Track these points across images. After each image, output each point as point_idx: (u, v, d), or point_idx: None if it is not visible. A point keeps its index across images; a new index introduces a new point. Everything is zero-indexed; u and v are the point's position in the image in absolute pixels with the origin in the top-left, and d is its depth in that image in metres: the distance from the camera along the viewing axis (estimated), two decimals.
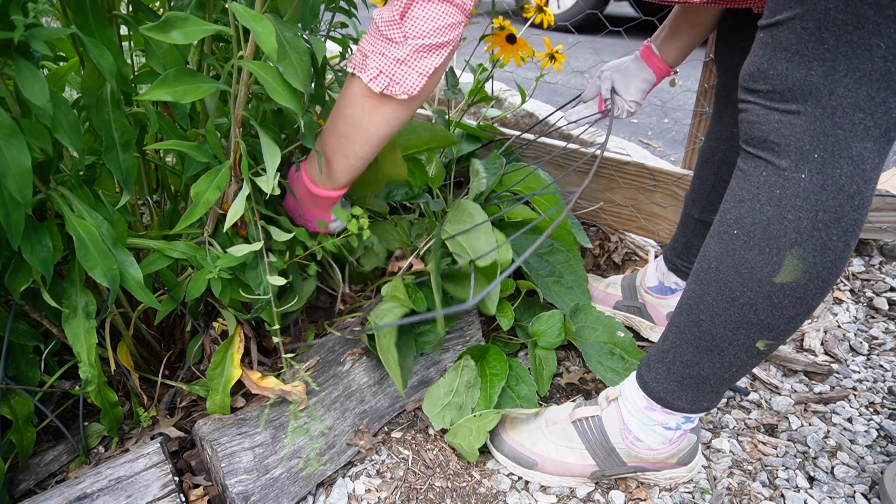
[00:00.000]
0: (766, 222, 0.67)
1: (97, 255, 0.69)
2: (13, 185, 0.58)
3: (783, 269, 0.67)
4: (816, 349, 1.18)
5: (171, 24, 0.57)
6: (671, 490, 0.90)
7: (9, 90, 0.59)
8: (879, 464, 0.93)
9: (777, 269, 0.68)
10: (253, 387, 0.89)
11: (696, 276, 0.75)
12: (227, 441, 0.85)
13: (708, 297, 0.74)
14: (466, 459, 0.94)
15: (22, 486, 0.86)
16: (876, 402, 1.06)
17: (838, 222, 0.64)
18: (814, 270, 0.67)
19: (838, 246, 0.65)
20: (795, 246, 0.66)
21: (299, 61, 0.61)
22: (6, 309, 0.79)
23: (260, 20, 0.56)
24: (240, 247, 0.77)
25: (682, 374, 0.79)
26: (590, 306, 1.12)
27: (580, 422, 0.90)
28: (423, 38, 0.69)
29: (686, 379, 0.79)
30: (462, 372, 1.01)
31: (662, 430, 0.85)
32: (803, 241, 0.66)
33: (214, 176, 0.73)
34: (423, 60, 0.71)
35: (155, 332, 1.00)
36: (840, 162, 0.62)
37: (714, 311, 0.73)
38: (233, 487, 0.82)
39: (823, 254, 0.66)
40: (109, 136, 0.71)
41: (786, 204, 0.65)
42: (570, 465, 0.89)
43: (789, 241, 0.66)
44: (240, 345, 0.91)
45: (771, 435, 0.99)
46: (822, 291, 0.69)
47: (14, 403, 0.81)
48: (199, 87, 0.63)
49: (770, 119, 0.64)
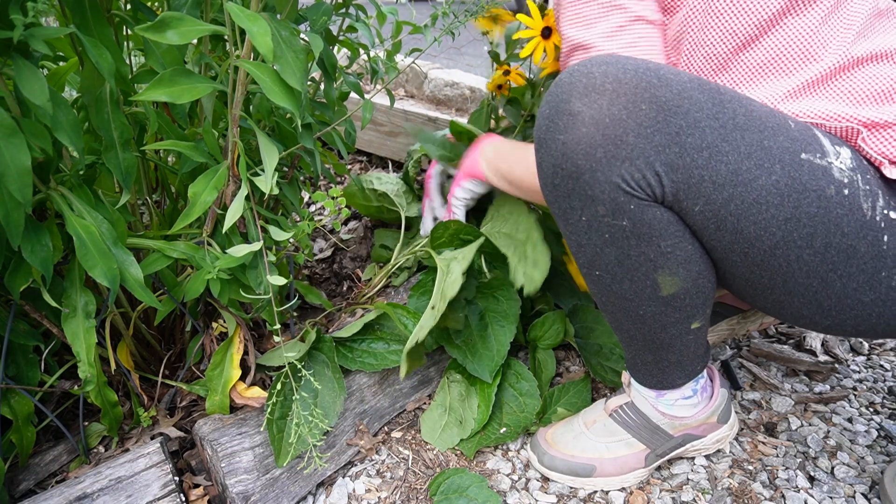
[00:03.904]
0: (615, 261, 0.70)
1: (97, 255, 0.69)
2: (13, 185, 0.58)
3: (662, 288, 0.71)
4: (817, 349, 1.18)
5: (167, 24, 0.57)
6: (672, 490, 0.90)
7: (8, 90, 0.60)
8: (879, 464, 0.92)
9: (657, 288, 0.71)
10: (238, 397, 0.89)
11: (604, 308, 0.79)
12: (227, 441, 0.85)
13: (625, 321, 0.77)
14: (467, 456, 0.94)
15: (22, 485, 0.86)
16: (876, 402, 1.06)
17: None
18: (690, 276, 0.71)
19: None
20: (658, 269, 0.70)
21: (296, 60, 0.61)
22: (6, 309, 0.79)
23: (255, 20, 0.56)
24: (239, 247, 0.77)
25: (658, 366, 0.82)
26: (589, 307, 1.12)
27: (616, 412, 0.91)
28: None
29: (665, 366, 0.82)
30: (450, 388, 1.01)
31: (683, 401, 0.87)
32: (662, 265, 0.69)
33: (212, 176, 0.73)
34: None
35: (155, 331, 1.00)
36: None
37: (637, 326, 0.77)
38: (233, 487, 0.82)
39: (688, 264, 0.69)
40: (109, 135, 0.71)
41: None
42: (625, 458, 0.89)
43: (648, 268, 0.70)
44: (239, 345, 0.91)
45: (771, 435, 0.99)
46: (713, 273, 0.72)
47: (14, 403, 0.82)
48: (195, 88, 0.63)
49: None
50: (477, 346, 1.00)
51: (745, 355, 1.17)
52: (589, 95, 0.62)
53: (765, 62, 0.73)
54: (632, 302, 0.74)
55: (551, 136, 0.66)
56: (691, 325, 0.76)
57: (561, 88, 0.65)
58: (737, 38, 0.73)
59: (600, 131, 0.62)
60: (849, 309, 0.68)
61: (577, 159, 0.64)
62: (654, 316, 0.74)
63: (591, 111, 0.62)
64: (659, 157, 0.62)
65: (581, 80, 0.64)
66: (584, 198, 0.66)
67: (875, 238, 0.64)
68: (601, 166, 0.63)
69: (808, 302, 0.68)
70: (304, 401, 0.90)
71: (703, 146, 0.62)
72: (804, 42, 0.71)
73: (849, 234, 0.63)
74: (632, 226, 0.66)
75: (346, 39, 1.01)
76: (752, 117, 0.64)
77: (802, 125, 0.67)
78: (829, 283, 0.66)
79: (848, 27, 0.71)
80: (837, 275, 0.65)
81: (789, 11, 0.71)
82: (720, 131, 0.62)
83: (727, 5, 0.72)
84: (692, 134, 0.62)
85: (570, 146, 0.64)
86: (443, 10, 1.00)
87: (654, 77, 0.62)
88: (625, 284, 0.72)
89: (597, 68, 0.64)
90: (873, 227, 0.64)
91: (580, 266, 0.75)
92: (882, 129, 0.66)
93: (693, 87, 0.63)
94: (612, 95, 0.62)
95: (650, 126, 0.61)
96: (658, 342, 0.78)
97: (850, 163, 0.65)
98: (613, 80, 0.62)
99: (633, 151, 0.62)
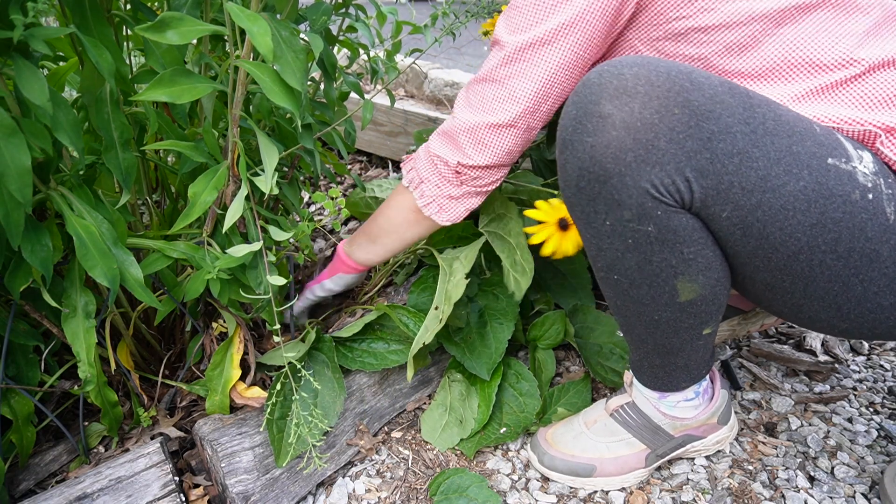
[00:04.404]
0: (636, 267, 0.70)
1: (97, 255, 0.69)
2: (13, 185, 0.58)
3: (681, 294, 0.71)
4: (816, 349, 1.18)
5: (167, 24, 0.57)
6: (672, 490, 0.90)
7: (9, 90, 0.60)
8: (879, 464, 0.92)
9: (675, 294, 0.71)
10: (238, 398, 0.88)
11: (617, 312, 0.79)
12: (227, 441, 0.85)
13: (638, 325, 0.77)
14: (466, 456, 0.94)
15: (22, 485, 0.86)
16: (876, 402, 1.06)
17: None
18: (709, 283, 0.70)
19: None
20: (679, 276, 0.69)
21: (296, 60, 0.61)
22: (6, 309, 0.79)
23: (255, 20, 0.56)
24: (239, 247, 0.77)
25: (665, 369, 0.82)
26: (589, 307, 1.12)
27: (617, 412, 0.91)
28: (474, 188, 0.85)
29: (672, 370, 0.82)
30: (451, 387, 1.01)
31: (685, 402, 0.87)
32: (683, 271, 0.69)
33: (212, 176, 0.73)
34: (471, 200, 0.87)
35: (155, 332, 1.00)
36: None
37: (650, 330, 0.77)
38: (233, 487, 0.82)
39: (708, 271, 0.69)
40: (109, 135, 0.71)
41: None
42: (626, 458, 0.89)
43: (669, 274, 0.69)
44: (239, 345, 0.91)
45: (771, 435, 0.99)
46: (729, 279, 0.72)
47: (14, 403, 0.82)
48: (195, 88, 0.63)
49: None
50: (475, 344, 1.00)
51: (745, 355, 1.17)
52: (620, 98, 0.61)
53: (763, 70, 0.72)
54: (647, 307, 0.73)
55: (578, 137, 0.64)
56: (703, 331, 0.76)
57: (589, 89, 0.64)
58: (731, 46, 0.72)
59: (631, 135, 0.61)
60: (868, 313, 0.67)
61: (605, 163, 0.63)
62: (669, 321, 0.74)
63: (622, 114, 0.61)
64: (690, 162, 0.61)
65: (612, 81, 0.62)
66: (611, 202, 0.65)
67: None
68: (630, 171, 0.62)
69: (828, 306, 0.68)
70: (303, 401, 0.90)
71: (735, 152, 0.61)
72: (804, 50, 0.70)
73: (872, 238, 0.63)
74: (657, 231, 0.66)
75: (345, 39, 1.01)
76: (780, 122, 0.63)
77: (826, 129, 0.66)
78: (850, 287, 0.66)
79: (853, 32, 0.70)
80: (859, 279, 0.65)
81: (787, 19, 0.70)
82: (751, 136, 0.61)
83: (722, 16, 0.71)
84: (724, 139, 0.61)
85: (599, 149, 0.63)
86: (443, 11, 1.00)
87: (686, 80, 0.61)
88: (643, 290, 0.71)
89: (628, 70, 0.62)
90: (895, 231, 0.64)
91: (597, 269, 0.75)
92: None
93: (724, 90, 0.62)
94: (644, 98, 0.60)
95: (682, 131, 0.60)
96: (668, 347, 0.78)
97: (873, 167, 0.65)
98: (645, 82, 0.61)
99: (664, 157, 0.61)
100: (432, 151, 0.84)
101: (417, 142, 1.12)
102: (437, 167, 0.84)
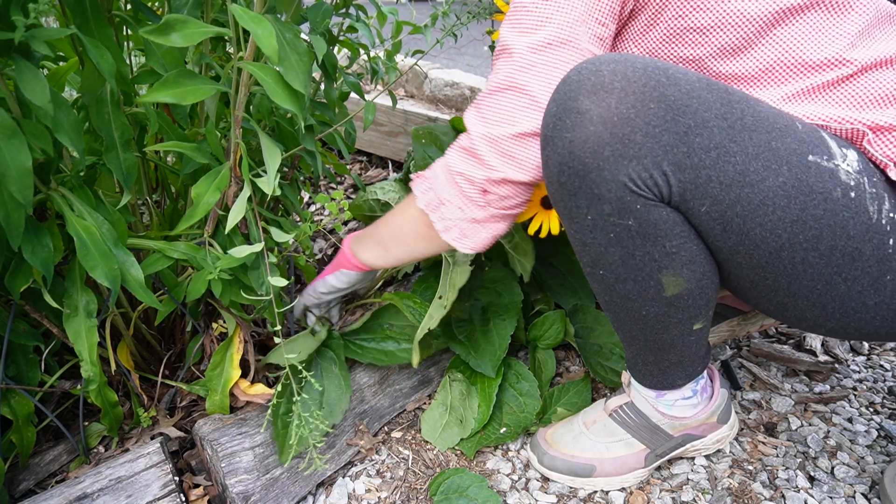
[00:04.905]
0: (619, 261, 0.70)
1: (98, 256, 0.69)
2: (13, 186, 0.58)
3: (667, 288, 0.71)
4: (817, 349, 1.18)
5: (171, 26, 0.57)
6: (672, 490, 0.90)
7: (9, 90, 0.59)
8: (879, 464, 0.93)
9: (661, 289, 0.71)
10: (242, 395, 0.89)
11: (606, 308, 0.79)
12: (227, 441, 0.85)
13: (628, 321, 0.77)
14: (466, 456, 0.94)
15: (22, 485, 0.86)
16: (876, 402, 1.06)
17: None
18: (694, 276, 0.71)
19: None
20: (662, 270, 0.69)
21: (300, 62, 0.61)
22: (6, 309, 0.79)
23: (260, 22, 0.56)
24: (241, 248, 0.77)
25: (659, 366, 0.82)
26: (589, 306, 1.12)
27: (616, 413, 0.91)
28: (501, 210, 0.77)
29: (666, 367, 0.82)
30: (452, 387, 1.01)
31: (683, 401, 0.87)
32: (666, 265, 0.69)
33: (214, 177, 0.73)
34: (497, 225, 0.79)
35: (155, 332, 1.00)
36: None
37: (640, 326, 0.77)
38: (233, 487, 0.82)
39: (692, 265, 0.69)
40: (109, 135, 0.71)
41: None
42: (625, 458, 0.89)
43: (652, 269, 0.70)
44: (239, 346, 0.91)
45: (771, 435, 0.99)
46: (716, 273, 0.72)
47: (14, 403, 0.82)
48: (199, 89, 0.63)
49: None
50: (479, 342, 1.01)
51: (745, 355, 1.18)
52: (597, 94, 0.62)
53: (757, 73, 0.72)
54: (635, 302, 0.74)
55: (558, 133, 0.65)
56: (693, 326, 0.76)
57: (569, 86, 0.65)
58: (725, 48, 0.72)
59: (608, 130, 0.62)
60: (853, 312, 0.68)
61: (584, 157, 0.64)
62: (657, 316, 0.74)
63: (600, 109, 0.62)
64: (667, 156, 0.62)
65: (590, 77, 0.63)
66: (591, 196, 0.66)
67: (880, 241, 0.64)
68: (608, 165, 0.63)
69: (812, 304, 0.68)
70: (309, 397, 0.90)
71: (712, 146, 0.62)
72: (797, 51, 0.70)
73: (854, 236, 0.63)
74: (637, 225, 0.66)
75: (346, 40, 1.01)
76: (760, 118, 0.64)
77: (810, 127, 0.66)
78: (834, 285, 0.66)
79: (845, 33, 0.70)
80: (842, 278, 0.65)
81: (780, 20, 0.70)
82: (728, 132, 0.62)
83: (709, 19, 0.70)
84: (700, 134, 0.61)
85: (578, 144, 0.64)
86: (443, 11, 1.00)
87: (662, 76, 0.62)
88: (628, 284, 0.72)
89: (605, 66, 0.63)
90: (879, 230, 0.64)
91: (584, 265, 0.75)
92: (887, 132, 0.66)
93: (702, 86, 0.63)
94: (621, 94, 0.61)
95: (658, 125, 0.61)
96: (660, 343, 0.78)
97: (857, 165, 0.65)
98: (622, 78, 0.62)
99: (640, 150, 0.62)
100: (453, 169, 0.76)
101: (415, 140, 1.12)
102: (460, 186, 0.76)
